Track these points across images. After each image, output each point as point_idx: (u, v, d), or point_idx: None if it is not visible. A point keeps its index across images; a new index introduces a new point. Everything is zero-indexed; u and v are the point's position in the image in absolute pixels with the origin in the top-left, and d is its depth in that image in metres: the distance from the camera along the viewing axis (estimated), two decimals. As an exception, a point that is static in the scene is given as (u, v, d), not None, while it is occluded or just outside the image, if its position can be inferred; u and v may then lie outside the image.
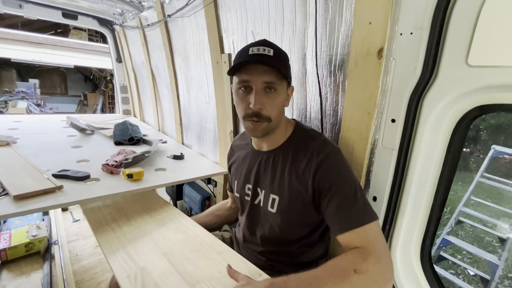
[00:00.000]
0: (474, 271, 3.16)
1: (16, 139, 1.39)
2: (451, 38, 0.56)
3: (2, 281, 1.41)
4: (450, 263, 3.41)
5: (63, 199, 0.83)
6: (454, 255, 3.53)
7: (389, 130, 0.68)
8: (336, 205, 0.62)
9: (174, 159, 1.36)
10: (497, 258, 2.88)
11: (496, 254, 3.07)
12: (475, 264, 3.42)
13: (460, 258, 3.54)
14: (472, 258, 3.61)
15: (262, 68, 0.64)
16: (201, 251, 0.72)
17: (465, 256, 3.65)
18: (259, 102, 0.65)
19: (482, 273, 3.04)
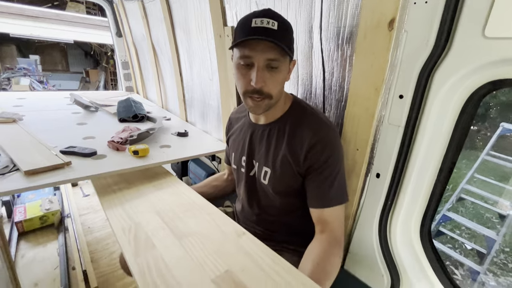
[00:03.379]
0: (471, 245, 3.26)
1: (22, 116, 1.40)
2: (468, 8, 0.53)
3: (21, 250, 1.50)
4: (448, 238, 3.51)
5: (72, 175, 0.85)
6: (453, 231, 3.62)
7: (396, 107, 0.67)
8: (316, 184, 0.69)
9: (179, 136, 1.37)
10: (495, 233, 2.95)
11: (495, 230, 3.13)
12: (473, 239, 3.51)
13: (458, 233, 3.64)
14: (470, 234, 3.70)
15: (266, 44, 0.61)
16: (192, 211, 0.76)
17: (463, 231, 3.74)
18: (261, 80, 0.63)
19: (479, 247, 3.13)
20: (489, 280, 3.03)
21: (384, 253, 0.80)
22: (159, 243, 0.62)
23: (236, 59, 0.66)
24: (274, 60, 0.63)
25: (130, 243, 0.63)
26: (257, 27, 0.61)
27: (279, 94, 0.69)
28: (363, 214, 0.81)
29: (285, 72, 0.68)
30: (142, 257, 0.58)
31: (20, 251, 1.50)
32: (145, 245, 0.62)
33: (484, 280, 2.99)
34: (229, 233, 0.67)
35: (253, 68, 0.64)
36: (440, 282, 0.72)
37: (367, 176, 0.77)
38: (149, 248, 0.61)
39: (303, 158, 0.69)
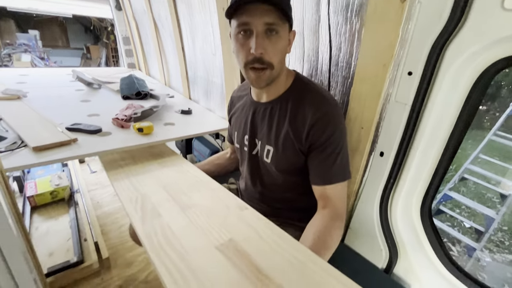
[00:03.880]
0: (470, 223, 3.32)
1: (26, 93, 1.40)
2: (489, -24, 0.49)
3: (35, 223, 1.57)
4: (448, 216, 3.58)
5: (79, 151, 0.87)
6: (452, 209, 3.68)
7: (404, 84, 0.65)
8: (318, 161, 0.69)
9: (182, 114, 1.36)
10: (495, 212, 2.99)
11: (495, 209, 3.17)
12: (472, 218, 3.57)
13: (458, 212, 3.70)
14: (470, 212, 3.76)
15: (263, 8, 0.59)
16: (196, 186, 0.79)
17: (463, 210, 3.80)
18: (261, 46, 0.61)
19: (477, 225, 3.20)
20: (484, 256, 3.12)
21: (384, 229, 0.82)
22: (165, 213, 0.65)
23: (234, 29, 0.64)
24: (272, 24, 0.60)
25: (137, 211, 0.66)
26: None
27: (280, 65, 0.67)
28: (365, 192, 0.83)
29: (286, 40, 0.65)
30: (149, 224, 0.61)
31: (34, 224, 1.57)
32: (152, 214, 0.65)
33: (480, 256, 3.09)
34: (232, 207, 0.69)
35: (252, 36, 0.62)
36: (437, 257, 0.75)
37: (371, 155, 0.77)
38: (155, 217, 0.63)
39: (305, 135, 0.68)
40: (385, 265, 0.84)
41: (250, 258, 0.52)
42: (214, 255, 0.52)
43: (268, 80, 0.67)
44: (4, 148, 0.82)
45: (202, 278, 0.47)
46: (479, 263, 3.03)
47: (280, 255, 0.53)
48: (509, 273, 2.95)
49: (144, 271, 1.36)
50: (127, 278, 1.31)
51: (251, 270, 0.49)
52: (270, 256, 0.53)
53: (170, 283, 0.45)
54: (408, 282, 0.81)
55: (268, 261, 0.51)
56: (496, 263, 3.08)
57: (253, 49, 0.61)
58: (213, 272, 0.48)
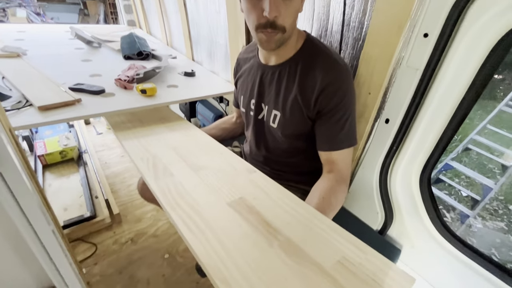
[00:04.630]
0: (467, 192, 3.40)
1: (25, 50, 1.36)
2: None
3: (47, 181, 1.65)
4: (446, 185, 3.65)
5: (85, 112, 0.87)
6: (452, 179, 3.74)
7: (418, 47, 0.61)
8: (326, 127, 0.69)
9: (186, 76, 1.33)
10: (493, 182, 3.04)
11: (494, 179, 3.22)
12: (470, 187, 3.65)
13: (457, 181, 3.76)
14: (468, 182, 3.82)
15: None
16: (205, 150, 0.81)
17: (462, 180, 3.87)
18: (275, 9, 0.57)
19: (474, 194, 3.27)
20: (476, 223, 3.25)
21: (382, 194, 0.84)
22: (177, 172, 0.67)
23: None
24: None
25: (150, 169, 0.68)
26: None
27: (292, 28, 0.64)
28: (367, 157, 0.84)
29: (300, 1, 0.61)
30: (162, 181, 0.63)
31: (46, 181, 1.65)
32: (164, 173, 0.67)
33: (472, 223, 3.22)
34: (241, 170, 0.71)
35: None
36: (430, 221, 0.78)
37: (376, 121, 0.77)
38: (168, 175, 0.66)
39: (314, 101, 0.67)
40: (380, 227, 0.88)
41: (260, 214, 0.55)
42: (226, 210, 0.56)
43: (279, 42, 0.64)
44: (10, 107, 0.83)
45: (216, 229, 0.50)
46: (470, 229, 3.17)
47: (287, 213, 0.56)
48: (498, 239, 3.10)
49: (153, 226, 1.45)
50: (137, 232, 1.42)
51: (261, 224, 0.53)
52: (279, 213, 0.56)
53: (188, 233, 0.49)
54: (400, 243, 0.86)
55: (276, 217, 0.55)
56: (487, 229, 3.22)
57: (266, 12, 0.57)
58: (226, 225, 0.52)
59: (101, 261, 1.25)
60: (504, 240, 3.08)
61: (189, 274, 1.22)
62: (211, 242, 0.48)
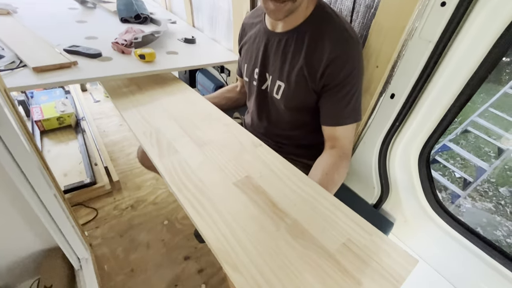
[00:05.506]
0: (460, 173, 3.48)
1: (15, 8, 1.28)
2: None
3: (46, 146, 1.65)
4: (441, 166, 3.72)
5: (81, 75, 0.84)
6: (447, 160, 3.80)
7: (434, 16, 0.58)
8: (332, 102, 0.67)
9: (186, 42, 1.28)
10: (488, 165, 3.09)
11: (489, 162, 3.27)
12: (464, 169, 3.72)
13: (452, 163, 3.83)
14: (463, 164, 3.89)
15: None
16: (208, 121, 0.78)
17: (457, 161, 3.93)
18: None
19: (467, 175, 3.35)
20: (466, 203, 3.36)
21: (380, 169, 0.85)
22: (182, 149, 0.65)
23: None
24: None
25: (154, 146, 0.66)
26: None
27: None
28: (368, 132, 0.83)
29: None
30: (166, 158, 0.62)
31: (45, 147, 1.65)
32: (168, 149, 0.65)
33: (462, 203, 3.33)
34: (246, 144, 0.70)
35: None
36: (425, 197, 0.80)
37: (381, 96, 0.75)
38: (172, 153, 0.64)
39: (320, 74, 0.64)
40: (375, 202, 0.90)
41: (266, 193, 0.55)
42: (232, 190, 0.55)
43: (287, 12, 0.60)
44: (3, 67, 0.80)
45: (223, 211, 0.50)
46: (459, 209, 3.29)
47: (294, 192, 0.56)
48: (485, 219, 3.23)
49: (153, 194, 1.48)
50: (137, 199, 1.45)
51: (267, 205, 0.52)
52: (285, 192, 0.56)
53: (196, 216, 0.49)
54: (393, 217, 0.88)
55: (283, 197, 0.55)
56: (475, 209, 3.34)
57: None
58: (232, 206, 0.51)
59: (102, 225, 1.29)
60: (490, 220, 3.21)
61: (188, 240, 1.26)
62: (219, 225, 0.48)
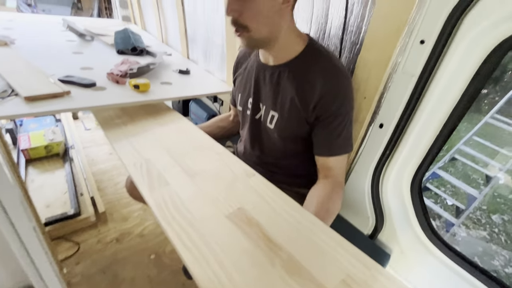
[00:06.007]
0: (452, 201, 3.49)
1: (13, 39, 1.31)
2: None
3: (30, 175, 1.59)
4: (432, 194, 3.74)
5: (73, 104, 0.84)
6: (438, 187, 3.83)
7: (414, 53, 0.62)
8: (325, 132, 0.68)
9: (180, 73, 1.31)
10: (478, 192, 3.13)
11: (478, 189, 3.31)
12: (455, 196, 3.74)
13: (443, 190, 3.86)
14: (454, 191, 3.93)
15: None
16: (201, 150, 0.77)
17: (448, 189, 3.97)
18: (230, 8, 0.59)
19: (459, 203, 3.36)
20: (460, 231, 3.33)
21: (373, 199, 0.85)
22: (172, 180, 0.63)
23: None
24: None
25: (144, 178, 0.64)
26: None
27: (265, 28, 0.62)
28: (359, 162, 0.84)
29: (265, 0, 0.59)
30: (157, 191, 0.60)
31: (29, 176, 1.58)
32: (159, 181, 0.63)
33: (457, 231, 3.29)
34: (239, 173, 0.68)
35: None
36: (420, 227, 0.79)
37: (370, 126, 0.77)
38: (163, 184, 0.62)
39: (313, 106, 0.66)
40: (370, 232, 0.88)
41: (260, 226, 0.53)
42: (225, 224, 0.53)
43: (250, 43, 0.65)
44: (-6, 96, 0.79)
45: (214, 247, 0.47)
46: (454, 238, 3.25)
47: (289, 223, 0.54)
48: (481, 248, 3.18)
49: (140, 226, 1.41)
50: (123, 231, 1.37)
51: (261, 239, 0.50)
52: (280, 224, 0.54)
53: (183, 249, 0.46)
54: (390, 248, 0.86)
55: (278, 229, 0.52)
56: (470, 238, 3.30)
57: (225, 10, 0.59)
58: (225, 241, 0.49)
59: (83, 261, 1.20)
60: (486, 249, 3.16)
61: (175, 275, 1.18)
62: (209, 261, 0.45)
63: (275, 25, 0.63)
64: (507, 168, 3.49)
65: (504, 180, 3.51)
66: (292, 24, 0.66)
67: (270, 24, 0.62)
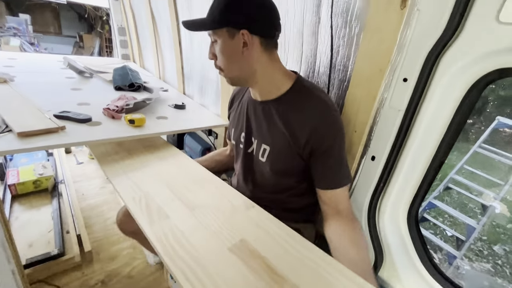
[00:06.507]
0: (452, 232, 3.42)
1: (13, 76, 1.35)
2: (485, -11, 0.51)
3: (15, 212, 1.52)
4: (431, 224, 3.67)
5: (67, 140, 0.84)
6: (436, 218, 3.78)
7: (399, 90, 0.66)
8: (326, 166, 0.69)
9: (176, 108, 1.35)
10: (476, 222, 3.08)
11: (476, 219, 3.27)
12: (454, 227, 3.68)
13: (441, 220, 3.80)
14: (452, 221, 3.87)
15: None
16: (200, 183, 0.78)
17: (446, 219, 3.91)
18: (210, 53, 0.72)
19: (458, 234, 3.29)
20: (464, 264, 3.21)
21: (371, 233, 0.83)
22: (172, 214, 0.63)
23: None
24: (210, 35, 0.69)
25: (143, 212, 0.63)
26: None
27: (234, 68, 0.71)
28: (354, 195, 0.83)
29: (227, 44, 0.67)
30: (157, 225, 0.59)
31: (14, 213, 1.51)
32: (159, 215, 0.62)
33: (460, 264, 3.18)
34: (239, 206, 0.69)
35: None
36: (421, 263, 0.76)
37: (362, 158, 0.78)
38: (163, 218, 0.62)
39: (305, 141, 0.68)
40: (371, 268, 0.84)
41: (263, 258, 0.52)
42: (228, 257, 0.52)
43: (231, 81, 0.73)
44: (-14, 132, 0.79)
45: (218, 281, 0.46)
46: (458, 271, 3.12)
47: (292, 255, 0.54)
48: (486, 282, 3.05)
49: (128, 265, 1.33)
50: (110, 272, 1.28)
51: (265, 271, 0.49)
52: (283, 256, 0.53)
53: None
54: (391, 285, 0.82)
55: (281, 261, 0.52)
56: (475, 271, 3.18)
57: None
58: (229, 275, 0.48)
59: (63, 308, 1.10)
60: (492, 284, 3.03)
61: (164, 323, 1.09)
62: None
63: (244, 65, 0.69)
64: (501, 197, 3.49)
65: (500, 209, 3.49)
66: (274, 64, 0.71)
67: (240, 65, 0.70)
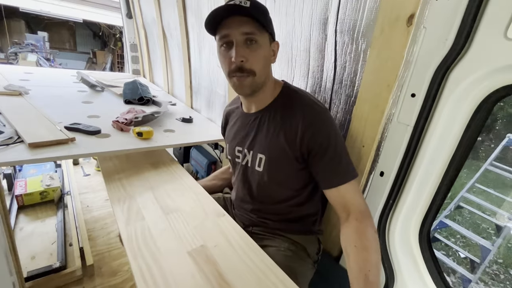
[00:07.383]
0: (465, 254, 3.26)
1: (28, 90, 1.39)
2: (492, 7, 0.51)
3: (20, 223, 1.52)
4: (442, 245, 3.52)
5: (76, 151, 0.85)
6: (448, 238, 3.63)
7: (407, 105, 0.66)
8: (324, 163, 0.67)
9: (183, 122, 1.36)
10: (490, 243, 2.95)
11: (490, 240, 3.13)
12: (467, 248, 3.52)
13: (453, 241, 3.65)
14: (465, 242, 3.71)
15: (240, 19, 0.63)
16: (180, 190, 0.86)
17: (458, 239, 3.75)
18: (240, 55, 0.64)
19: (472, 256, 3.14)
20: (479, 289, 3.04)
21: (381, 253, 0.79)
22: (148, 216, 0.72)
23: (217, 43, 0.69)
24: (251, 33, 0.63)
25: (124, 213, 0.72)
26: (229, 5, 0.62)
27: (264, 73, 0.69)
28: (363, 211, 0.81)
29: (267, 49, 0.67)
30: (132, 225, 0.67)
31: (18, 224, 1.52)
32: (136, 216, 0.72)
33: (475, 288, 3.01)
34: (210, 213, 0.76)
35: (232, 46, 0.65)
36: (434, 284, 0.72)
37: (371, 174, 0.77)
38: (139, 219, 0.70)
39: (299, 142, 0.67)
40: (381, 290, 0.81)
41: (216, 265, 0.58)
42: (185, 260, 0.58)
43: (252, 86, 0.68)
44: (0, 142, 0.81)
45: (170, 280, 0.53)
46: (473, 296, 2.95)
47: (244, 264, 0.58)
48: (504, 308, 2.87)
49: (129, 281, 1.30)
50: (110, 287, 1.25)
51: (215, 276, 0.54)
52: (235, 264, 0.58)
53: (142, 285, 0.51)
54: (404, 310, 0.77)
55: (232, 269, 0.57)
56: (491, 297, 3.00)
57: (233, 58, 0.64)
58: (181, 275, 0.54)
59: (62, 324, 1.07)
60: (511, 311, 2.85)
61: None
62: None
63: (268, 72, 0.71)
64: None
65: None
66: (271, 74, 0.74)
67: (267, 71, 0.71)
